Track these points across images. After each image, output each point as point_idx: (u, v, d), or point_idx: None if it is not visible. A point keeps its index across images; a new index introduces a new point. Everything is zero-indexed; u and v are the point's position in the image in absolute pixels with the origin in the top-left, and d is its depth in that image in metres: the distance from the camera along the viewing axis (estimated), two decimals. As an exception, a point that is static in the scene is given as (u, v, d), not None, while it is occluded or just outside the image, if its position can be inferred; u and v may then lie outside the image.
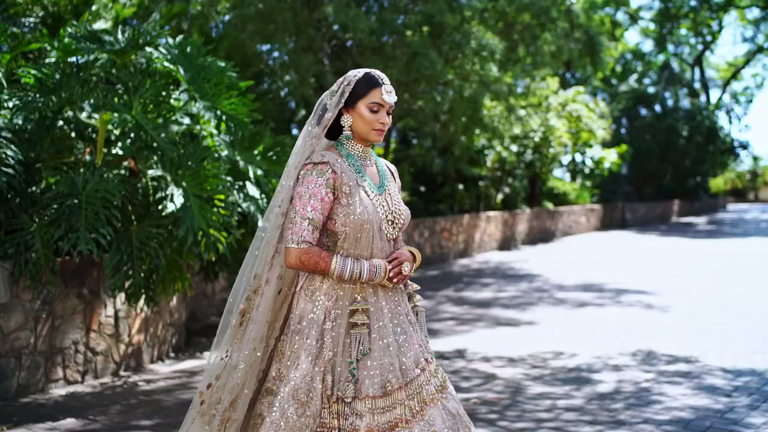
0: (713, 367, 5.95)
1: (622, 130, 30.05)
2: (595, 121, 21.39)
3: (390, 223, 2.57)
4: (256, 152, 6.04)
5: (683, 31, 34.69)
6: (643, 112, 31.40)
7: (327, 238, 2.52)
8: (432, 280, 12.30)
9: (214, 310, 8.71)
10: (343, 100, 2.54)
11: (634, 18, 34.48)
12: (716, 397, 5.09)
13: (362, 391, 2.40)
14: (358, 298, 2.47)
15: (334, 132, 2.62)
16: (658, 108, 31.32)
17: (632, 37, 50.59)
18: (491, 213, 17.84)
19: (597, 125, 21.47)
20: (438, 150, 15.41)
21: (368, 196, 2.54)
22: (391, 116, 2.60)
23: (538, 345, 6.95)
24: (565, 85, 27.08)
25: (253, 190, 5.77)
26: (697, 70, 37.59)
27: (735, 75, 39.57)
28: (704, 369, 5.91)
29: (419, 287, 2.74)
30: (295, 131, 14.20)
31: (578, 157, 25.32)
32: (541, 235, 20.65)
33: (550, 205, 22.15)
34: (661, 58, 34.54)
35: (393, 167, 2.78)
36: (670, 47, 34.91)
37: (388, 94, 2.54)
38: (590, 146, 24.04)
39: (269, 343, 2.58)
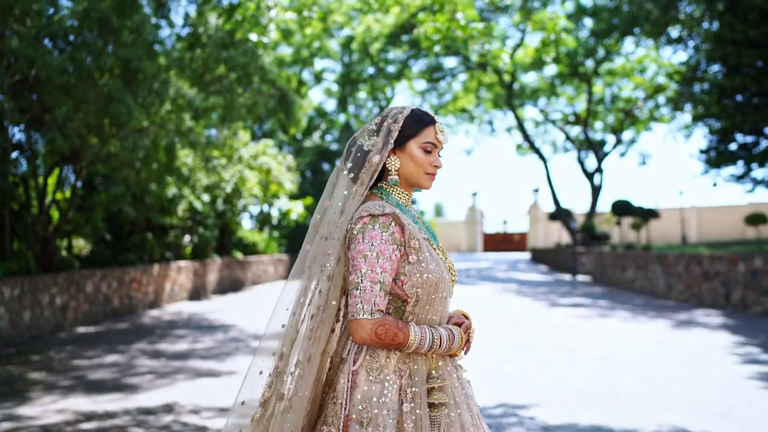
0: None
1: (308, 183, 31.55)
2: (283, 174, 22.27)
3: (451, 280, 2.21)
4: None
5: (362, 95, 37.66)
6: (326, 166, 33.33)
7: (389, 304, 2.10)
8: (123, 333, 11.72)
9: None
10: (392, 140, 2.14)
11: (318, 78, 36.62)
12: None
13: None
14: (433, 372, 2.10)
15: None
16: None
17: (316, 95, 53.75)
18: (182, 263, 17.54)
19: (285, 178, 22.36)
20: (129, 197, 14.84)
21: (434, 250, 2.16)
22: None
23: (242, 394, 6.99)
24: (253, 137, 27.77)
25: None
26: (372, 131, 40.85)
27: (404, 137, 43.85)
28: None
29: (464, 356, 2.29)
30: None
31: (267, 208, 26.03)
32: (231, 285, 20.75)
33: (240, 255, 22.39)
34: (342, 117, 37.03)
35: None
36: (351, 108, 37.61)
37: (442, 133, 2.18)
38: (278, 198, 24.91)
39: None
